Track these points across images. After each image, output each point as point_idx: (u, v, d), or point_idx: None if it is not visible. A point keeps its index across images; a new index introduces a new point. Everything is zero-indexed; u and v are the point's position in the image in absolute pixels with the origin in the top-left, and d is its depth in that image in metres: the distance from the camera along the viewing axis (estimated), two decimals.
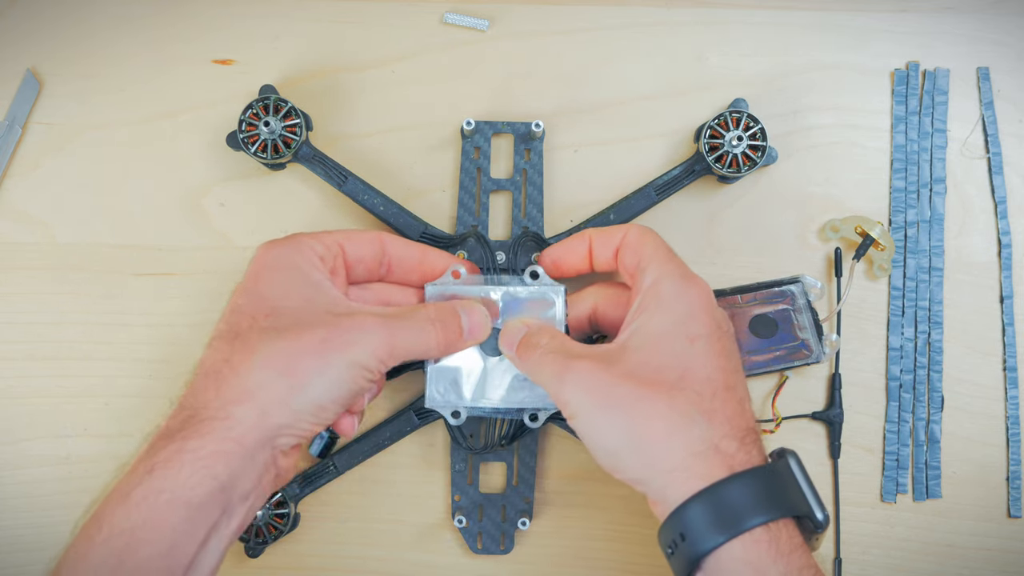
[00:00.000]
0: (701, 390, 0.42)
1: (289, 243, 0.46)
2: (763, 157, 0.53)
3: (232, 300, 0.45)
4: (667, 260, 0.46)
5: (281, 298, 0.44)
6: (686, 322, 0.43)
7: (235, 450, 0.41)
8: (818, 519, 0.41)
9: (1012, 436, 0.55)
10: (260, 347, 0.42)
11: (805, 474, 0.42)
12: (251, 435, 0.41)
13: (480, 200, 0.55)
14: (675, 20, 0.58)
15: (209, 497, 0.40)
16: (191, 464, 0.40)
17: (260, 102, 0.53)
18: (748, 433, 0.42)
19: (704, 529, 0.39)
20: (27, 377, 0.55)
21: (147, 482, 0.39)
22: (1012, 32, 0.58)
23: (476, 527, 0.54)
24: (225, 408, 0.41)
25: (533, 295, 0.50)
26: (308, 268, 0.46)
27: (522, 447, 0.54)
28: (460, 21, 0.57)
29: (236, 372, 0.42)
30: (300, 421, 0.42)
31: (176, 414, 0.42)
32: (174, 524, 0.39)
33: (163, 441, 0.41)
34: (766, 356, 0.53)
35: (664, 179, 0.54)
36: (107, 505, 0.40)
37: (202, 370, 0.43)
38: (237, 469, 0.41)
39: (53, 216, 0.56)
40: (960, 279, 0.56)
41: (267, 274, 0.45)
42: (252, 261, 0.46)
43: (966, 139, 0.57)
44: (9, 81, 0.56)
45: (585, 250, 0.50)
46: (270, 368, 0.42)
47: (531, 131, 0.55)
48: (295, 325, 0.43)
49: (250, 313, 0.44)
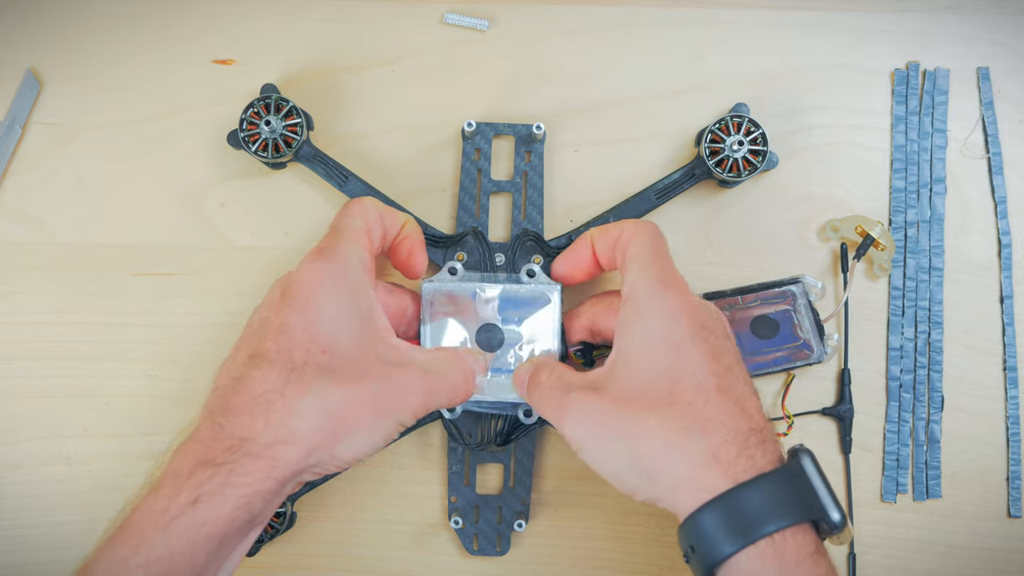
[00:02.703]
0: (693, 399, 0.41)
1: (339, 259, 0.44)
2: (764, 162, 0.53)
3: (277, 315, 0.43)
4: (646, 265, 0.45)
5: (335, 331, 0.43)
6: (666, 330, 0.43)
7: (274, 488, 0.41)
8: (833, 520, 0.40)
9: (1012, 436, 0.55)
10: (315, 387, 0.42)
11: (821, 474, 0.41)
12: (289, 474, 0.41)
13: (480, 202, 0.55)
14: (675, 20, 0.58)
15: (241, 528, 0.40)
16: (235, 500, 0.40)
17: (261, 101, 0.53)
18: (750, 434, 0.41)
19: (715, 539, 0.39)
20: (27, 377, 0.55)
21: (190, 514, 0.39)
22: (1012, 32, 0.58)
23: (472, 528, 0.54)
24: (273, 447, 0.41)
25: (529, 293, 0.50)
26: (360, 290, 0.44)
27: (519, 449, 0.54)
28: (460, 21, 0.57)
29: (289, 410, 0.41)
30: (333, 463, 0.43)
31: (218, 436, 0.41)
32: (208, 552, 0.39)
33: (207, 470, 0.40)
34: (768, 357, 0.53)
35: (664, 183, 0.54)
36: (143, 527, 0.39)
37: (247, 392, 0.42)
38: (269, 502, 0.41)
39: (53, 216, 0.56)
40: (960, 279, 0.56)
41: (320, 296, 0.44)
42: (301, 276, 0.44)
43: (966, 139, 0.57)
44: (9, 81, 0.56)
45: (589, 254, 0.49)
46: (322, 414, 0.41)
47: (532, 133, 0.55)
48: (350, 370, 0.43)
49: (305, 345, 0.42)
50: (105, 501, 0.54)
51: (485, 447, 0.52)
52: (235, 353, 0.44)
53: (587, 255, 0.49)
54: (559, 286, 0.51)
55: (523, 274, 0.51)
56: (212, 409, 0.42)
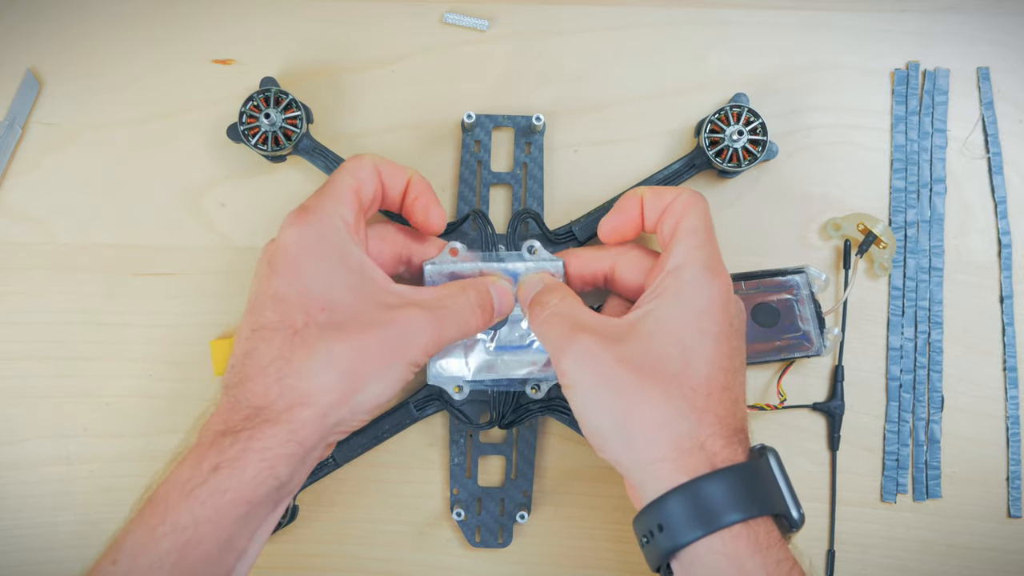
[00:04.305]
0: (697, 387, 0.42)
1: (318, 219, 0.45)
2: (763, 152, 0.53)
3: (269, 284, 0.44)
4: (699, 244, 0.45)
5: (328, 288, 0.44)
6: (700, 317, 0.43)
7: (297, 451, 0.41)
8: (794, 518, 0.41)
9: (1012, 436, 0.55)
10: (320, 346, 0.42)
11: (784, 473, 0.42)
12: (312, 436, 0.41)
13: (480, 193, 0.55)
14: (675, 20, 0.58)
15: (268, 495, 0.41)
16: (256, 464, 0.40)
17: (261, 94, 0.53)
18: (736, 433, 0.42)
19: (683, 522, 0.40)
20: (27, 377, 0.55)
21: (213, 480, 0.39)
22: (1012, 32, 0.58)
23: (475, 520, 0.54)
24: (290, 411, 0.41)
25: (531, 270, 0.50)
26: (345, 247, 0.45)
27: (521, 441, 0.54)
28: (460, 21, 0.57)
29: (298, 373, 0.42)
30: (355, 418, 0.43)
31: (234, 407, 0.42)
32: (235, 520, 0.40)
33: (227, 438, 0.41)
34: (767, 346, 0.53)
35: (665, 173, 0.55)
36: (168, 497, 0.40)
37: (257, 363, 0.42)
38: (296, 468, 0.41)
39: (53, 216, 0.56)
40: (960, 279, 0.56)
41: (306, 260, 0.44)
42: (283, 242, 0.44)
43: (966, 139, 0.57)
44: (9, 81, 0.56)
45: (637, 210, 0.49)
46: (332, 371, 0.42)
47: (532, 125, 0.55)
48: (352, 322, 0.43)
49: (302, 306, 0.43)
50: (105, 501, 0.54)
51: (492, 426, 0.52)
52: (241, 330, 0.44)
53: (636, 216, 0.49)
54: (561, 261, 0.51)
55: (525, 251, 0.51)
56: (227, 384, 0.43)
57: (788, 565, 0.40)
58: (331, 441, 0.44)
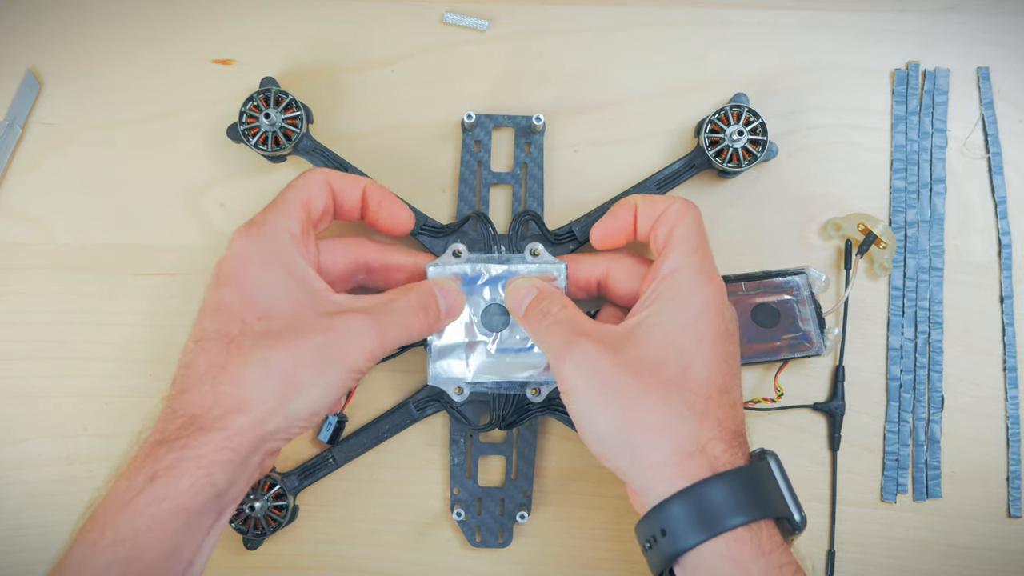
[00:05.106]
0: (697, 390, 0.42)
1: (264, 231, 0.45)
2: (763, 152, 0.53)
3: (213, 295, 0.44)
4: (692, 250, 0.46)
5: (269, 297, 0.44)
6: (697, 320, 0.44)
7: (233, 458, 0.41)
8: (796, 521, 0.41)
9: (1012, 436, 0.55)
10: (255, 354, 0.42)
11: (785, 476, 0.42)
12: (247, 443, 0.41)
13: (480, 193, 0.55)
14: (675, 20, 0.58)
15: (207, 503, 0.40)
16: (192, 473, 0.40)
17: (261, 94, 0.53)
18: (736, 436, 0.42)
19: (686, 527, 0.40)
20: (27, 377, 0.55)
21: (149, 490, 0.40)
22: (1012, 32, 0.58)
23: (475, 520, 0.54)
24: (224, 419, 0.41)
25: (534, 272, 0.51)
26: (289, 258, 0.45)
27: (521, 441, 0.54)
28: (460, 21, 0.57)
29: (233, 381, 0.42)
30: (293, 426, 0.43)
31: (170, 418, 0.42)
32: (175, 529, 0.40)
33: (162, 448, 0.41)
34: (767, 346, 0.53)
35: (664, 173, 0.55)
36: (107, 511, 0.40)
37: (194, 373, 0.43)
38: (233, 475, 0.41)
39: (53, 216, 0.56)
40: (960, 279, 0.56)
41: (249, 270, 0.44)
42: (229, 253, 0.45)
43: (966, 139, 0.57)
44: (9, 81, 0.56)
45: (631, 221, 0.49)
46: (267, 377, 0.42)
47: (532, 124, 0.55)
48: (288, 330, 0.43)
49: (240, 315, 0.43)
50: None
51: (492, 428, 0.52)
52: (186, 343, 0.44)
53: (629, 223, 0.49)
54: (564, 265, 0.51)
55: (527, 253, 0.51)
56: (168, 398, 0.43)
57: (791, 570, 0.40)
58: (270, 449, 0.43)
